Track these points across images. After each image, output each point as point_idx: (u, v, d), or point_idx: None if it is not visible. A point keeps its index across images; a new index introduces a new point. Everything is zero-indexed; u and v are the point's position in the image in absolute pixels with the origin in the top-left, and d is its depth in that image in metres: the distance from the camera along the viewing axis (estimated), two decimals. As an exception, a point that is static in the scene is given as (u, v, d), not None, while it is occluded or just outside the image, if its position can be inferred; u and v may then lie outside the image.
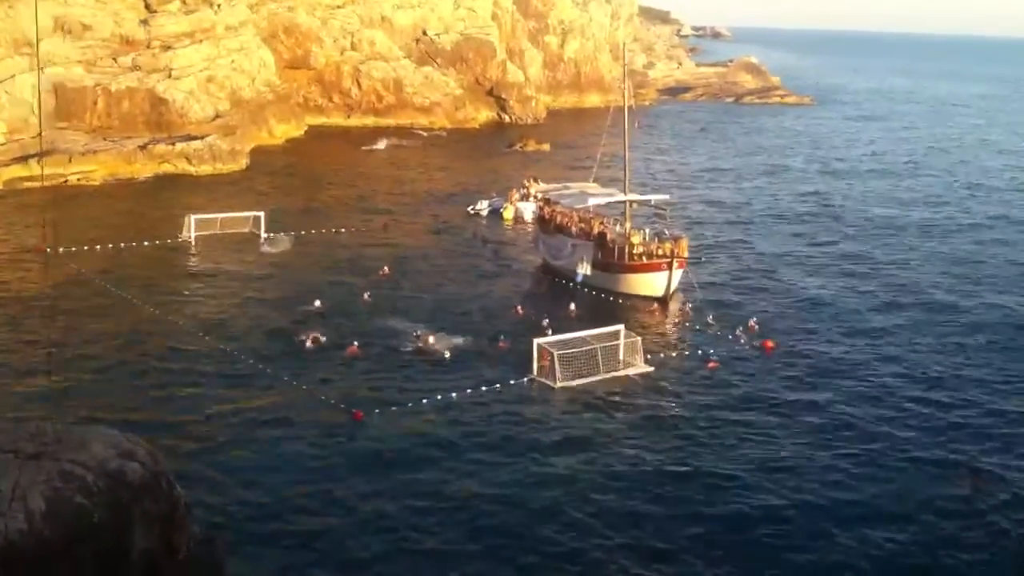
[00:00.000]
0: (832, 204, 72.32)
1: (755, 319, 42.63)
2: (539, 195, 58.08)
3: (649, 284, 46.33)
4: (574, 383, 34.70)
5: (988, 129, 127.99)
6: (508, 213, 65.14)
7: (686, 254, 46.99)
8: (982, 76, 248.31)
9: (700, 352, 38.63)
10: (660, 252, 46.60)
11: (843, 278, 51.12)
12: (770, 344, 39.89)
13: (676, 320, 44.20)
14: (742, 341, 40.12)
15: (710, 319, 42.71)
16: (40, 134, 68.39)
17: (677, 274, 46.05)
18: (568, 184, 57.12)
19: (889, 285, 50.00)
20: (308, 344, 37.85)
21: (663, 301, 45.87)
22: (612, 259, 47.41)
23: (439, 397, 33.20)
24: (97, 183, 69.59)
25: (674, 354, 38.72)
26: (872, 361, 38.48)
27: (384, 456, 28.98)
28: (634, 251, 46.93)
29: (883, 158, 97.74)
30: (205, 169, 74.81)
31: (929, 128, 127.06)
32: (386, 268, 49.24)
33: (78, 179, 69.22)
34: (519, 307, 43.97)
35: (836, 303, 46.50)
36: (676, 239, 47.47)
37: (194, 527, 19.46)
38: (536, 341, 35.90)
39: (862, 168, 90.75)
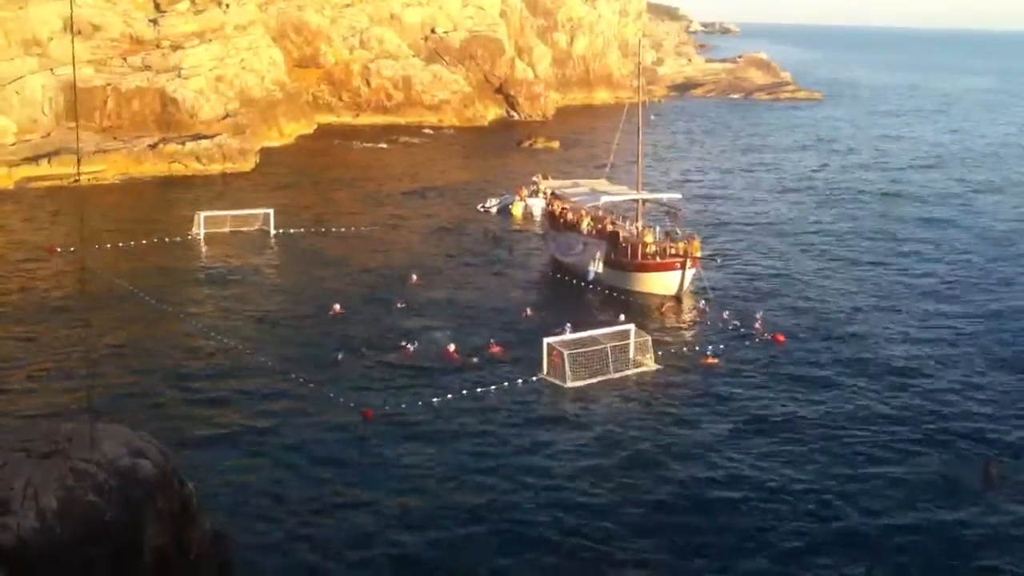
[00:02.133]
0: (845, 201, 72.11)
1: (761, 314, 42.45)
2: (549, 191, 57.90)
3: (662, 283, 46.22)
4: (583, 383, 34.67)
5: (1001, 126, 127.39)
6: (517, 210, 65.13)
7: (699, 253, 46.87)
8: (994, 70, 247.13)
9: (710, 351, 38.52)
10: (673, 251, 46.53)
11: (857, 276, 50.95)
12: (781, 338, 39.84)
13: (687, 319, 44.08)
14: (752, 337, 40.06)
15: (725, 315, 42.57)
16: (77, 127, 68.78)
17: (690, 273, 45.94)
18: (578, 182, 57.01)
19: (901, 282, 49.90)
20: (339, 357, 36.61)
21: (676, 300, 45.78)
22: (625, 257, 47.29)
23: (449, 396, 33.19)
24: (107, 183, 69.87)
25: (685, 353, 38.60)
26: (884, 357, 38.35)
27: (394, 455, 29.01)
28: (647, 250, 46.85)
29: (896, 155, 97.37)
30: (215, 168, 74.99)
31: (941, 124, 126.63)
32: (415, 276, 47.67)
33: (88, 179, 69.45)
34: (528, 305, 43.89)
35: (849, 299, 46.34)
36: (689, 238, 47.35)
37: (205, 524, 19.53)
38: (546, 340, 35.83)
39: (874, 165, 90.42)
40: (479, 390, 33.86)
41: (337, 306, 42.32)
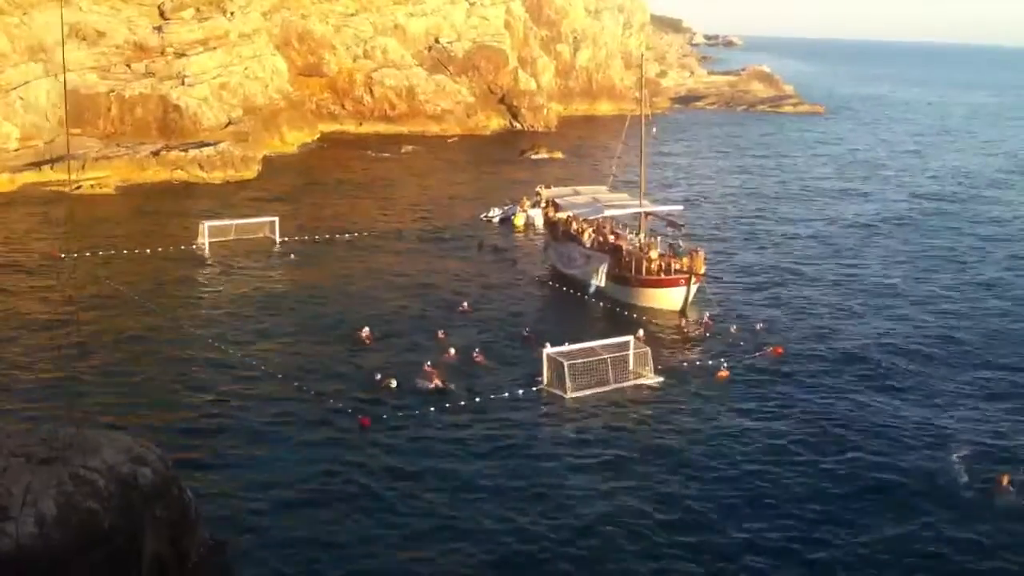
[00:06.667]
0: (846, 213, 72.15)
1: (760, 326, 42.57)
2: (549, 200, 57.83)
3: (666, 299, 45.94)
4: (584, 393, 34.65)
5: (1002, 140, 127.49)
6: (519, 220, 65.30)
7: (703, 268, 46.69)
8: (996, 85, 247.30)
9: (711, 363, 38.52)
10: (677, 267, 46.34)
11: (859, 287, 50.94)
12: (780, 351, 39.85)
13: (689, 331, 43.98)
14: (752, 350, 40.07)
15: (727, 328, 42.64)
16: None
17: (694, 288, 45.84)
18: (578, 189, 56.88)
19: (906, 295, 49.85)
20: (378, 381, 35.29)
21: (680, 314, 45.67)
22: (629, 272, 47.08)
23: (447, 405, 33.21)
24: (110, 189, 69.98)
25: (684, 366, 38.57)
26: (888, 371, 38.32)
27: (391, 463, 28.99)
28: (651, 265, 46.67)
29: (898, 169, 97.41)
30: (217, 176, 75.04)
31: (943, 139, 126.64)
32: (466, 304, 45.34)
33: (91, 185, 69.58)
34: (529, 315, 43.91)
35: (850, 312, 46.34)
36: (693, 253, 47.07)
37: (204, 532, 19.58)
38: (545, 351, 35.85)
39: (876, 178, 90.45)
40: (478, 399, 33.87)
41: (367, 330, 40.06)
